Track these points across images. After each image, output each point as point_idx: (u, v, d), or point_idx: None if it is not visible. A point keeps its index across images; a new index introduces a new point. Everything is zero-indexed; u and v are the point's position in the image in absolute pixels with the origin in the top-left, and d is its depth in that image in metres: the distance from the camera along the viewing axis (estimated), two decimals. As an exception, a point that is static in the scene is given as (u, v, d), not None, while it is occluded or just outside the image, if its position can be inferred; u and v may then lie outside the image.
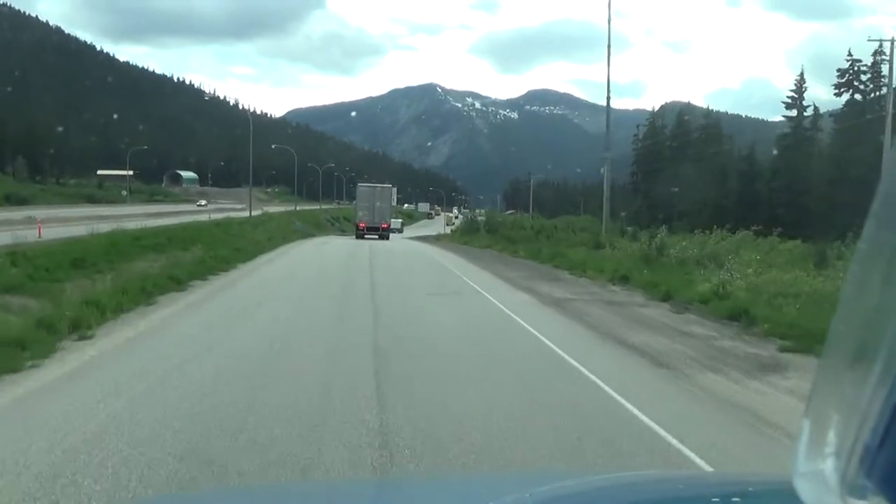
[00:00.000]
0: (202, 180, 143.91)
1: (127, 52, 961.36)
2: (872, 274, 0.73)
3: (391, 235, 51.94)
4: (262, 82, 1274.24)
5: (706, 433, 6.34)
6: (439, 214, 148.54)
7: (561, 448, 5.74)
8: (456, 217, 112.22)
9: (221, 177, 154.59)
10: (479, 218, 64.92)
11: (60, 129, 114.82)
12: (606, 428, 6.30)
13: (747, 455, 5.78)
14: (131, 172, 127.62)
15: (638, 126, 78.55)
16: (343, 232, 74.52)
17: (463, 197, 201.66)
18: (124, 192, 68.85)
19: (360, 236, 47.01)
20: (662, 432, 6.12)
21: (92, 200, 72.34)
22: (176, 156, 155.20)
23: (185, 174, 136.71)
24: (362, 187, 54.23)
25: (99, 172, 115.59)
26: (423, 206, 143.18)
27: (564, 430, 6.19)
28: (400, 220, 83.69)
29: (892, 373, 0.67)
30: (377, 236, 46.48)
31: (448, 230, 76.78)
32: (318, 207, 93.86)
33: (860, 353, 0.72)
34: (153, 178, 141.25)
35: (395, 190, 71.15)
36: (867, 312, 0.73)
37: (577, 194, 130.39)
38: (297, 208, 78.15)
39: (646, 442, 5.95)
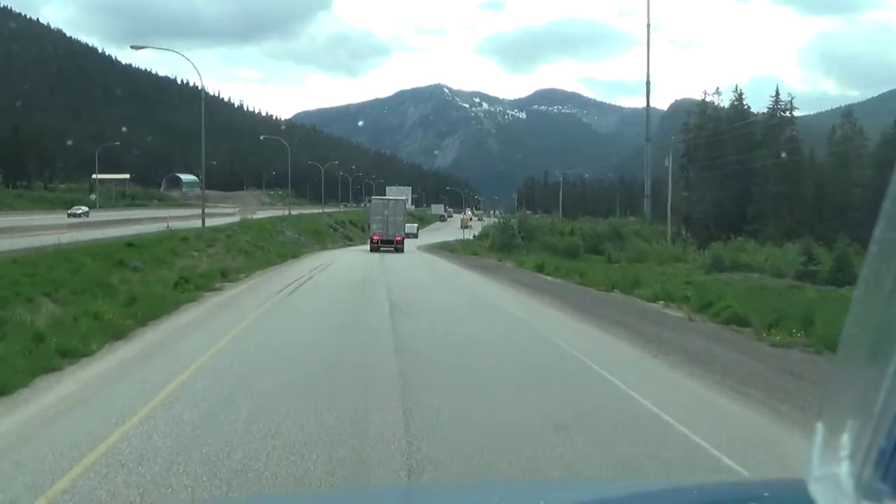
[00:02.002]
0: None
1: (132, 57, 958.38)
2: (885, 275, 0.72)
3: (408, 245, 51.56)
4: (268, 85, 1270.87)
5: None
6: (451, 216, 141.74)
7: None
8: (471, 219, 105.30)
9: (225, 180, 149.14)
10: (512, 221, 55.92)
11: (53, 132, 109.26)
12: None
13: None
14: (128, 176, 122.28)
15: (689, 113, 70.78)
16: (349, 241, 66.73)
17: (477, 197, 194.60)
18: (93, 196, 61.85)
19: (374, 249, 46.76)
20: None
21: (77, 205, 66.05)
22: (178, 159, 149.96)
23: (185, 177, 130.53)
24: (376, 200, 53.63)
25: (94, 176, 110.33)
26: (437, 208, 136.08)
27: None
28: (415, 225, 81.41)
29: None
30: (392, 249, 46.50)
31: (469, 235, 69.76)
32: (321, 211, 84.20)
33: (874, 356, 0.71)
34: (154, 182, 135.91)
35: (409, 190, 65.53)
36: (880, 314, 0.72)
37: (598, 193, 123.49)
38: (298, 212, 68.92)
39: None
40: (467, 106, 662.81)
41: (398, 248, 46.92)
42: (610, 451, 6.21)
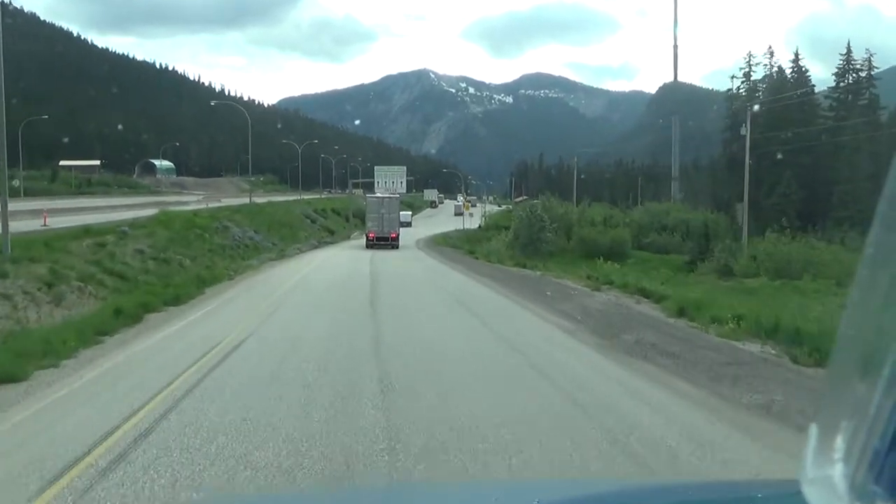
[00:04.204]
0: (181, 170, 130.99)
1: (114, 43, 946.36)
2: (880, 278, 0.72)
3: (404, 237, 50.97)
4: (251, 71, 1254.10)
5: None
6: (442, 202, 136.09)
7: None
8: (465, 204, 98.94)
9: (205, 167, 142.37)
10: (540, 210, 42.39)
11: (17, 118, 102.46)
12: None
13: None
14: (98, 162, 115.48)
15: (732, 78, 63.60)
16: (329, 235, 57.78)
17: (474, 182, 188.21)
18: (16, 183, 54.21)
19: (370, 246, 47.04)
20: None
21: (29, 194, 60.29)
22: (155, 145, 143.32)
23: (159, 163, 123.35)
24: (371, 198, 53.39)
25: (62, 163, 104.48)
26: (430, 193, 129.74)
27: None
28: (409, 213, 78.72)
29: None
30: (389, 246, 46.59)
31: (468, 224, 62.74)
32: (299, 198, 73.88)
33: (869, 358, 0.71)
34: (129, 169, 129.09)
35: (403, 170, 60.91)
36: (875, 316, 0.72)
37: (597, 177, 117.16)
38: (266, 199, 59.31)
39: None
40: (454, 91, 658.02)
41: (393, 244, 47.36)
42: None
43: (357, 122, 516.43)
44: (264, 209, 49.95)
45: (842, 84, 51.05)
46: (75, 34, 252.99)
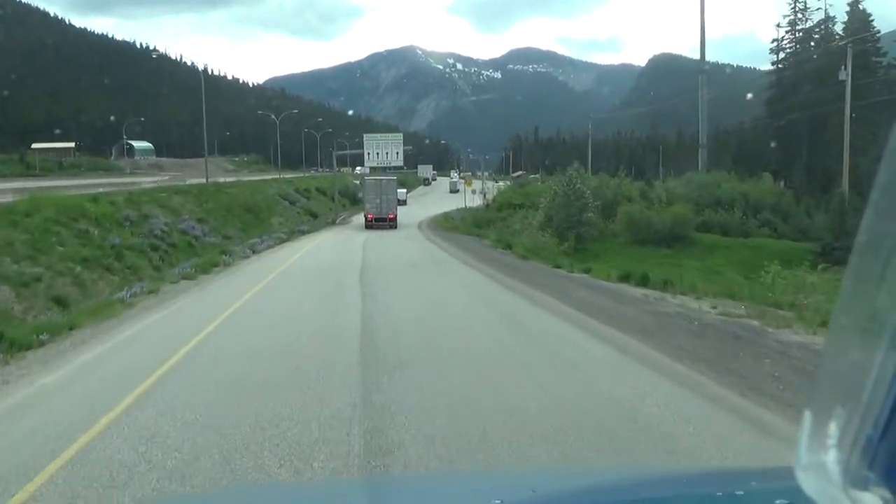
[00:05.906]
0: (161, 151, 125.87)
1: (95, 25, 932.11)
2: (873, 266, 0.72)
3: (402, 216, 50.54)
4: (236, 51, 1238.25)
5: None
6: (435, 180, 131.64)
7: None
8: (467, 180, 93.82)
9: (187, 148, 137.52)
10: (579, 185, 32.89)
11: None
12: None
13: None
14: (72, 144, 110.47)
15: (778, 26, 57.75)
16: (310, 220, 50.50)
17: (473, 156, 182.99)
18: None
19: (368, 226, 46.57)
20: None
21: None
22: (135, 126, 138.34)
23: (138, 144, 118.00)
24: (369, 180, 52.18)
25: (34, 146, 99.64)
26: (424, 170, 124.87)
27: None
28: (405, 191, 77.08)
29: (893, 364, 0.68)
30: (387, 226, 46.17)
31: (470, 202, 57.20)
32: (278, 176, 66.43)
33: (862, 345, 0.72)
34: (108, 151, 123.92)
35: (400, 137, 56.92)
36: (868, 305, 0.73)
37: (599, 151, 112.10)
38: (234, 179, 53.13)
39: None
40: (441, 67, 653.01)
41: (392, 224, 47.07)
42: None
43: (350, 112, 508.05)
44: (224, 190, 40.52)
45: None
46: (52, 14, 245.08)
